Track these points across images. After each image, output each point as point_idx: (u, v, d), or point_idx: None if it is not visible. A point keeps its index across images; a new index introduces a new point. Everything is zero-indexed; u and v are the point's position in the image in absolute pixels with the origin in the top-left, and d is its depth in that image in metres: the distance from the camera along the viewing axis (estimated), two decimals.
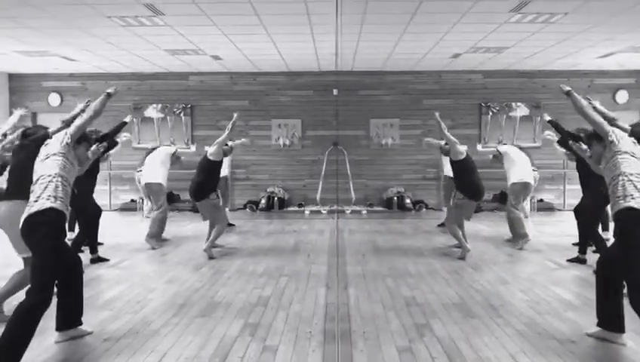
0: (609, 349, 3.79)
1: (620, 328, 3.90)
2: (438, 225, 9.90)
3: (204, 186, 7.16)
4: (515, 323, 4.38)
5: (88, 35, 8.96)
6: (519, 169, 8.02)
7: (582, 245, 6.76)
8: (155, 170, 8.19)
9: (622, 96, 12.61)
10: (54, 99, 12.94)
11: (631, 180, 3.79)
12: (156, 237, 7.97)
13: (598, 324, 3.99)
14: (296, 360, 3.62)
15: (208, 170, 7.19)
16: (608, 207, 4.23)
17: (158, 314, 4.64)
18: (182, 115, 12.89)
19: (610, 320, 3.93)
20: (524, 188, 7.97)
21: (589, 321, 4.37)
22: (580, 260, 6.68)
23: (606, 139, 4.02)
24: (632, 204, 3.71)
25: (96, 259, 6.83)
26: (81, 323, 4.07)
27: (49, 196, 3.71)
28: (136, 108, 12.83)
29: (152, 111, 12.89)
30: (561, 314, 4.65)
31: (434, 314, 4.66)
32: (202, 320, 4.48)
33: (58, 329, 3.99)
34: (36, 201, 3.70)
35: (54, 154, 3.87)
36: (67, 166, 3.88)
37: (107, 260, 6.91)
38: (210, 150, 7.22)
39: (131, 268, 6.60)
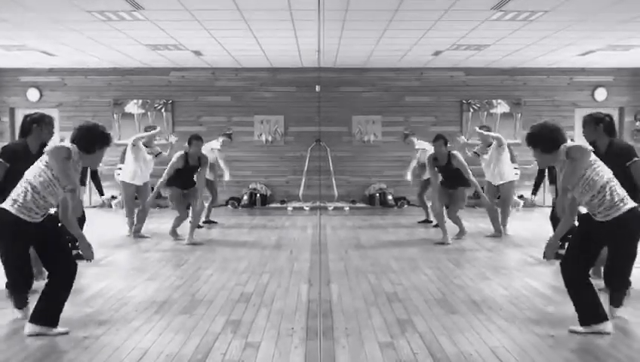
0: (587, 344, 3.84)
1: (602, 317, 3.99)
2: (419, 222, 9.95)
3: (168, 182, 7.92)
4: (496, 319, 4.42)
5: (67, 30, 8.84)
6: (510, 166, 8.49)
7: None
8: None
9: (600, 94, 12.78)
10: (33, 94, 12.75)
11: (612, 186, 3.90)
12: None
13: (582, 324, 4.03)
14: (279, 357, 3.62)
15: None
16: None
17: (139, 312, 4.61)
18: (163, 110, 12.79)
19: (590, 313, 3.99)
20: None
21: (568, 316, 4.43)
22: (558, 256, 6.75)
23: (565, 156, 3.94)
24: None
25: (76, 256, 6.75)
26: (55, 326, 4.00)
27: (12, 198, 3.86)
28: (116, 103, 12.71)
29: (133, 107, 12.77)
30: (541, 309, 4.71)
31: (416, 309, 4.69)
32: (184, 317, 4.46)
33: (32, 320, 3.95)
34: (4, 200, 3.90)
35: (40, 161, 3.92)
36: (45, 177, 3.84)
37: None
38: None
39: (112, 265, 6.54)
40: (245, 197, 12.43)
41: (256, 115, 12.85)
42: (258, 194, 12.49)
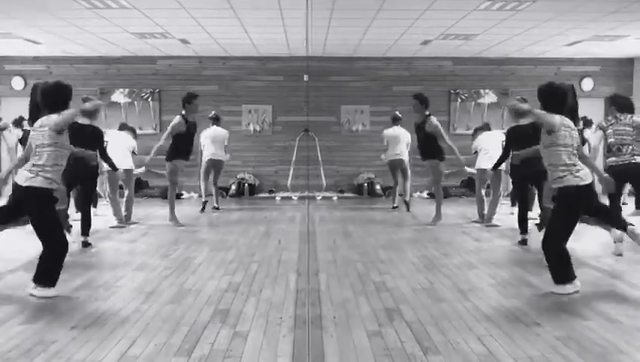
0: (573, 332, 3.89)
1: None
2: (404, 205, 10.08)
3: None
4: (483, 307, 4.46)
5: (53, 18, 8.73)
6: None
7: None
8: (128, 156, 8.58)
9: (587, 84, 12.86)
10: (18, 82, 12.61)
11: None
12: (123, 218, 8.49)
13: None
14: (267, 346, 3.63)
15: None
16: None
17: (126, 302, 4.59)
18: (150, 99, 12.70)
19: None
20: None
21: (554, 304, 4.49)
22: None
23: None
24: None
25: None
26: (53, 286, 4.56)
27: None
28: (102, 92, 12.56)
29: (119, 96, 12.67)
30: (528, 297, 4.75)
31: (403, 298, 4.71)
32: (172, 307, 4.45)
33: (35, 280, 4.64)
34: None
35: None
36: None
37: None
38: None
39: (99, 255, 6.51)
40: (233, 187, 12.40)
41: (244, 104, 12.80)
42: (246, 184, 12.46)
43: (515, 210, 8.84)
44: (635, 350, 3.55)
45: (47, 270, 4.58)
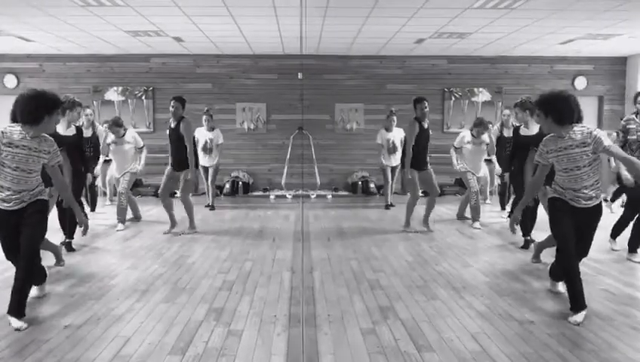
0: (566, 329, 3.91)
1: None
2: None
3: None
4: (477, 305, 4.47)
5: (45, 15, 8.68)
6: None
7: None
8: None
9: (580, 82, 12.90)
10: (10, 80, 12.54)
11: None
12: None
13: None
14: (261, 345, 3.63)
15: None
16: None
17: (120, 301, 4.59)
18: (143, 98, 12.66)
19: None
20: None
21: (547, 302, 4.51)
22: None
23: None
24: None
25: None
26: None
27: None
28: (96, 90, 12.55)
29: (113, 94, 12.62)
30: (521, 295, 4.77)
31: (397, 296, 4.73)
32: (166, 306, 4.45)
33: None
34: None
35: None
36: None
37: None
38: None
39: (93, 253, 6.48)
40: (227, 185, 12.38)
41: (238, 102, 12.78)
42: (240, 182, 12.44)
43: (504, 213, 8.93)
44: (627, 347, 3.57)
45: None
